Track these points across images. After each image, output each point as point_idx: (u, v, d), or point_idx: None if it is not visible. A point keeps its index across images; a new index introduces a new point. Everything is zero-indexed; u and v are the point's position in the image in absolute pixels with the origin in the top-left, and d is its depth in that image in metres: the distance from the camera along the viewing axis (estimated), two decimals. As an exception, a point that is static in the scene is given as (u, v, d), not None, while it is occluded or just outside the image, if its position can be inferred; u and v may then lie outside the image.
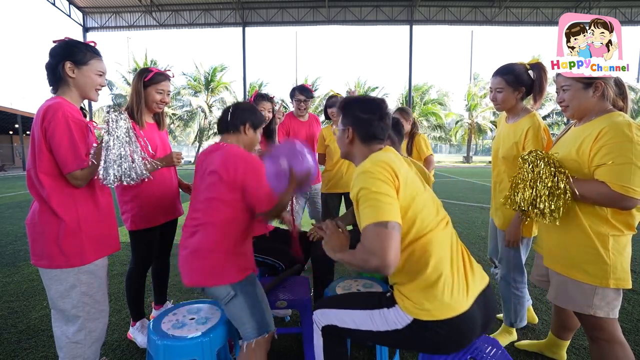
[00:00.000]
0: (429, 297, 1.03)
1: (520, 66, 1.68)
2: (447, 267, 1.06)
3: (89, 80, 1.35)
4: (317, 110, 23.88)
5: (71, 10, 18.40)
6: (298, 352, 1.85)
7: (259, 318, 1.33)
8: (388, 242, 0.94)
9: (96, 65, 1.36)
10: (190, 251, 1.36)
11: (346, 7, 18.57)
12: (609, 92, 1.30)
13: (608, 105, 1.30)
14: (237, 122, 1.52)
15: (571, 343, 1.84)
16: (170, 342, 1.27)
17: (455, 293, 1.03)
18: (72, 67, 1.31)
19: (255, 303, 1.35)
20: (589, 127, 1.28)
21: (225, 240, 1.37)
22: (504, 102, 1.73)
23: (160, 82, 1.82)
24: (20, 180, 13.02)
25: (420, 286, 1.05)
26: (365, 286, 1.71)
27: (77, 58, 1.31)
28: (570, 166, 1.29)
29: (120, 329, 2.10)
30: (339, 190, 2.93)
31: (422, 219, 1.08)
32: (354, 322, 1.16)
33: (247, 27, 19.23)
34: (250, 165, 1.38)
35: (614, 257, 1.24)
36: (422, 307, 1.03)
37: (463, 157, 29.62)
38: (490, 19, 18.72)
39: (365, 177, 1.06)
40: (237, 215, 1.40)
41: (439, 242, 1.09)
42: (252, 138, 1.56)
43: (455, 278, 1.06)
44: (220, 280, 1.34)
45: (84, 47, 1.34)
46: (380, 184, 1.03)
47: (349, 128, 1.24)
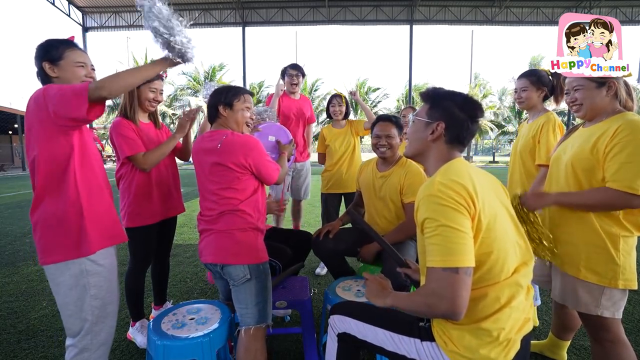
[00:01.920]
0: (478, 347, 0.90)
1: (542, 71, 1.93)
2: (511, 321, 0.92)
3: (69, 74, 1.28)
4: (317, 111, 23.89)
5: (71, 10, 18.40)
6: (298, 352, 1.85)
7: (262, 307, 1.40)
8: (459, 290, 0.84)
9: (72, 56, 1.29)
10: (217, 231, 1.44)
11: (346, 7, 18.57)
12: (622, 93, 1.30)
13: (618, 105, 1.30)
14: (212, 110, 1.57)
15: (572, 343, 1.84)
16: (170, 342, 1.27)
17: (512, 351, 0.91)
18: (50, 67, 1.26)
19: (263, 292, 1.42)
20: (602, 126, 1.27)
21: (248, 220, 1.46)
22: (527, 99, 1.93)
23: (153, 80, 1.83)
24: (20, 180, 13.02)
25: (472, 333, 0.91)
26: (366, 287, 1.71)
27: (51, 56, 1.26)
28: (584, 165, 1.28)
29: (120, 329, 2.10)
30: (339, 190, 2.93)
31: (500, 259, 0.92)
32: (376, 339, 1.10)
33: (247, 27, 19.23)
34: (250, 147, 1.45)
35: (624, 258, 1.23)
36: (471, 358, 0.91)
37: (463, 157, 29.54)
38: (490, 19, 18.72)
39: (434, 203, 0.90)
40: (252, 195, 1.49)
41: (511, 289, 0.93)
42: (233, 116, 1.56)
43: (514, 335, 0.93)
44: (243, 260, 1.41)
45: (56, 42, 1.29)
46: (453, 214, 0.87)
47: (439, 124, 1.06)
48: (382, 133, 1.98)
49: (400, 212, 2.00)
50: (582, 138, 1.34)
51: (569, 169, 1.32)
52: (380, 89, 26.04)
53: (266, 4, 18.76)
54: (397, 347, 1.05)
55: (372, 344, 1.11)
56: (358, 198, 2.28)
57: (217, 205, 1.45)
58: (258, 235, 1.50)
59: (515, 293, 0.94)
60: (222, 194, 1.44)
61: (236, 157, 1.42)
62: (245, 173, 1.45)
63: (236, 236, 1.43)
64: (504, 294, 0.92)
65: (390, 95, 26.72)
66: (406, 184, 1.93)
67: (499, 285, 0.92)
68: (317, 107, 24.48)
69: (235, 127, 1.58)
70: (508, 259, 0.94)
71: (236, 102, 1.56)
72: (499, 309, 0.91)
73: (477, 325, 0.92)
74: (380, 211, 2.06)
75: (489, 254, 0.91)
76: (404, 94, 25.04)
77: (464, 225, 0.87)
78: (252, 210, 1.49)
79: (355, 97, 3.08)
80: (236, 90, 1.60)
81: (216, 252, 1.43)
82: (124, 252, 3.64)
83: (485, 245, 0.91)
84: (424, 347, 1.00)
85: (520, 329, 0.95)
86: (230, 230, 1.43)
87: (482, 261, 0.91)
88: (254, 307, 1.38)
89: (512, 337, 0.92)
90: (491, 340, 0.90)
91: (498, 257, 0.92)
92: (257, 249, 1.47)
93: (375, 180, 2.07)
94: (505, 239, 0.94)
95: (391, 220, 2.02)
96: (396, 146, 2.00)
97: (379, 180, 2.05)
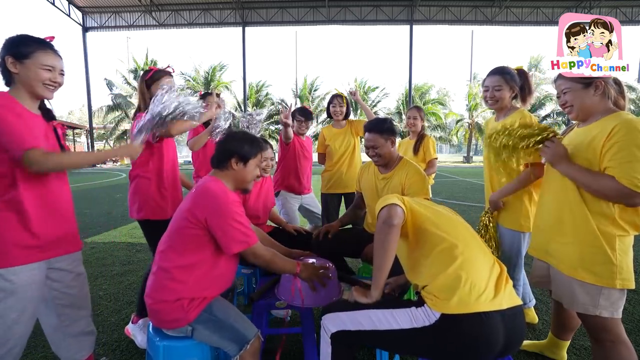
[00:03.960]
0: (455, 291, 1.08)
1: (512, 69, 1.88)
2: (474, 270, 1.13)
3: (32, 74, 1.23)
4: (317, 111, 23.89)
5: (71, 10, 18.40)
6: (298, 352, 1.85)
7: (230, 335, 1.26)
8: (390, 211, 1.18)
9: (42, 58, 1.23)
10: (150, 300, 1.29)
11: (346, 6, 18.57)
12: (610, 91, 1.30)
13: (610, 104, 1.30)
14: (223, 157, 1.39)
15: (571, 343, 1.83)
16: (170, 342, 1.27)
17: (483, 296, 1.08)
18: (13, 62, 1.21)
19: (219, 326, 1.27)
20: (597, 125, 1.28)
21: (186, 287, 1.26)
22: (502, 99, 1.86)
23: (161, 77, 1.84)
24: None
25: (447, 282, 1.10)
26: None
27: (18, 51, 1.21)
28: (581, 164, 1.28)
29: (120, 329, 2.10)
30: (339, 190, 2.93)
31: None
32: (371, 321, 1.16)
33: (247, 27, 19.24)
34: (216, 202, 1.26)
35: (620, 258, 1.24)
36: (448, 300, 1.07)
37: (463, 157, 29.62)
38: (490, 19, 18.72)
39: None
40: (203, 258, 1.29)
41: (468, 245, 1.18)
42: (241, 172, 1.40)
43: (482, 283, 1.10)
44: (176, 325, 1.27)
45: (29, 39, 1.24)
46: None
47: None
48: (369, 144, 1.97)
49: None
50: (578, 138, 1.35)
51: None
52: (379, 88, 26.01)
53: (266, 4, 18.76)
54: (392, 322, 1.14)
55: (365, 330, 1.16)
56: (358, 200, 2.27)
57: (163, 257, 1.31)
58: (190, 305, 1.27)
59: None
60: (172, 246, 1.29)
61: (194, 204, 1.28)
62: (199, 228, 1.26)
63: (164, 309, 1.26)
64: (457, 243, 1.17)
65: (390, 94, 26.73)
66: (407, 184, 1.93)
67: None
68: (317, 107, 24.46)
69: (235, 186, 1.42)
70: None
71: (253, 159, 1.42)
72: (456, 255, 1.14)
73: (447, 273, 1.11)
74: None
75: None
76: (403, 94, 25.03)
77: None
78: (198, 276, 1.28)
79: (356, 97, 3.07)
80: (258, 144, 1.43)
81: (150, 316, 1.31)
82: (124, 252, 3.65)
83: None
84: (418, 311, 1.13)
85: (495, 284, 1.13)
86: (161, 301, 1.26)
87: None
88: (223, 341, 1.26)
89: (478, 281, 1.10)
90: (461, 283, 1.09)
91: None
92: (194, 308, 1.27)
93: (378, 182, 2.06)
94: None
95: None
96: (386, 153, 1.96)
97: (381, 182, 2.05)
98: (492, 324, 1.05)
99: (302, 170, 2.86)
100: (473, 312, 1.05)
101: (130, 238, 4.16)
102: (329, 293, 1.54)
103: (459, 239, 1.20)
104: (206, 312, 1.28)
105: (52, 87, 1.29)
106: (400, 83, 37.91)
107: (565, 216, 1.34)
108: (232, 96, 24.24)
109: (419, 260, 1.22)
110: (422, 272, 1.19)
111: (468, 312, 1.05)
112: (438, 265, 1.15)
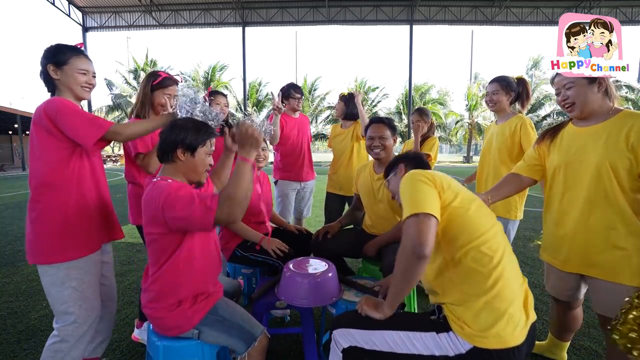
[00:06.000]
0: (494, 326, 0.97)
1: (510, 77, 2.20)
2: (512, 296, 1.01)
3: (71, 79, 1.38)
4: (317, 110, 23.89)
5: (71, 10, 18.38)
6: (298, 352, 1.85)
7: (238, 334, 1.26)
8: (422, 229, 0.97)
9: (76, 63, 1.38)
10: (149, 310, 1.28)
11: (346, 6, 18.54)
12: (612, 91, 1.30)
13: (611, 103, 1.31)
14: (167, 149, 1.27)
15: (571, 343, 1.83)
16: (170, 343, 1.27)
17: (518, 328, 0.99)
18: (54, 69, 1.37)
19: (227, 325, 1.27)
20: (620, 121, 1.26)
21: (179, 289, 1.26)
22: (498, 102, 2.18)
23: (168, 86, 1.81)
24: (20, 180, 13.01)
25: (484, 313, 0.98)
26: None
27: (57, 59, 1.36)
28: (623, 163, 1.24)
29: (120, 329, 2.10)
30: (340, 192, 2.93)
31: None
32: (386, 343, 1.06)
33: (247, 27, 19.21)
34: (165, 194, 1.16)
35: None
36: (484, 332, 0.97)
37: (463, 157, 29.62)
38: (490, 19, 18.70)
39: (407, 184, 1.09)
40: (177, 253, 1.24)
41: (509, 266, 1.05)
42: (190, 163, 1.29)
43: (518, 313, 1.01)
44: (179, 331, 1.27)
45: (65, 48, 1.39)
46: (420, 185, 1.07)
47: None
48: (375, 134, 2.03)
49: (399, 212, 2.00)
50: (600, 137, 1.30)
51: (604, 169, 1.27)
52: (379, 88, 26.01)
53: (266, 4, 18.74)
54: (410, 346, 1.03)
55: (384, 352, 1.06)
56: (357, 201, 2.28)
57: (152, 268, 1.29)
58: (188, 307, 1.26)
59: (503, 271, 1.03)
60: (155, 256, 1.27)
61: (148, 208, 1.21)
62: (164, 227, 1.20)
63: (164, 316, 1.25)
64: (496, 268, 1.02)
65: (390, 95, 26.74)
66: None
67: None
68: (317, 107, 24.46)
69: (187, 179, 1.32)
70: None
71: (201, 147, 1.30)
72: (495, 282, 1.00)
73: (484, 300, 0.98)
74: (380, 213, 2.06)
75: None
76: (403, 94, 25.03)
77: (430, 191, 1.06)
78: (188, 276, 1.26)
79: (357, 99, 2.97)
80: (205, 130, 1.32)
81: (155, 327, 1.30)
82: (124, 252, 3.65)
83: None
84: (441, 339, 1.01)
85: (524, 306, 1.03)
86: (157, 309, 1.26)
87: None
88: (231, 340, 1.27)
89: (516, 312, 0.99)
90: (500, 315, 0.97)
91: (479, 224, 1.06)
92: (196, 311, 1.27)
93: (373, 183, 2.07)
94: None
95: (391, 220, 2.03)
96: (390, 147, 2.03)
97: (376, 182, 2.05)
98: (522, 353, 1.00)
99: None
100: (508, 348, 0.97)
101: (130, 238, 4.15)
102: (330, 293, 1.54)
103: (497, 252, 1.04)
104: (212, 314, 1.29)
105: (88, 89, 1.44)
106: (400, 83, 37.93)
107: (615, 225, 1.27)
108: (232, 96, 24.23)
109: (446, 271, 1.08)
110: (448, 287, 1.07)
111: (504, 347, 0.97)
112: (472, 285, 1.01)
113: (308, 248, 2.11)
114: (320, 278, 1.52)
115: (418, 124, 2.76)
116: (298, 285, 1.52)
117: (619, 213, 1.27)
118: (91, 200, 1.44)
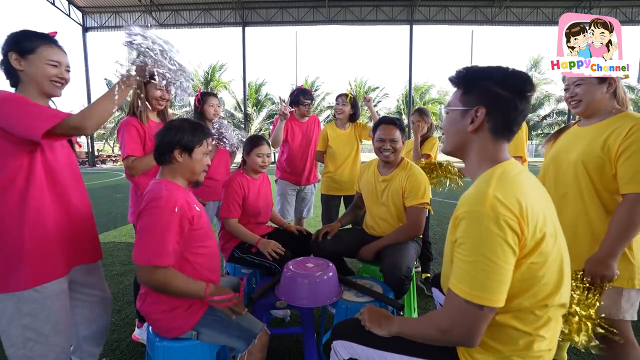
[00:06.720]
0: None
1: None
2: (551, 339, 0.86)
3: (38, 70, 1.16)
4: (317, 111, 23.88)
5: (70, 10, 18.37)
6: (298, 352, 1.85)
7: (237, 333, 1.26)
8: (480, 326, 0.78)
9: (45, 53, 1.16)
10: (146, 314, 1.28)
11: (346, 6, 18.55)
12: (620, 92, 1.30)
13: (616, 104, 1.31)
14: (164, 150, 1.26)
15: (571, 343, 1.83)
16: (170, 343, 1.27)
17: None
18: (17, 59, 1.14)
19: (225, 325, 1.27)
20: (610, 123, 1.26)
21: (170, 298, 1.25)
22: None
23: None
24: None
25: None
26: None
27: (22, 47, 1.14)
28: (596, 163, 1.26)
29: (120, 329, 2.10)
30: (340, 193, 2.93)
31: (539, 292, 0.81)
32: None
33: (247, 27, 19.21)
34: (148, 206, 1.18)
35: (638, 257, 1.23)
36: None
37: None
38: (490, 19, 18.70)
39: (480, 228, 0.76)
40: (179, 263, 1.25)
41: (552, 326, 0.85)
42: (188, 164, 1.29)
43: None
44: (178, 332, 1.26)
45: (32, 34, 1.17)
46: (499, 248, 0.75)
47: (478, 109, 0.87)
48: (387, 137, 1.94)
49: (401, 214, 1.99)
50: (587, 137, 1.32)
51: (579, 168, 1.30)
52: (379, 88, 26.03)
53: (266, 4, 18.74)
54: None
55: None
56: (358, 200, 2.27)
57: None
58: (185, 312, 1.26)
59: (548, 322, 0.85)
60: None
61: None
62: None
63: (160, 318, 1.26)
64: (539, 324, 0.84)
65: (390, 94, 26.75)
66: (408, 187, 1.92)
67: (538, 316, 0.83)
68: (317, 107, 24.46)
69: (185, 179, 1.32)
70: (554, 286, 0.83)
71: (198, 147, 1.29)
72: (532, 341, 0.83)
73: (509, 357, 0.85)
74: (382, 215, 2.05)
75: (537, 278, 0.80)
76: (403, 94, 25.03)
77: (507, 263, 0.75)
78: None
79: (369, 103, 2.96)
80: (201, 130, 1.31)
81: (153, 326, 1.30)
82: (124, 252, 3.65)
83: (533, 270, 0.80)
84: None
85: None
86: (153, 312, 1.26)
87: (525, 288, 0.81)
88: (230, 339, 1.27)
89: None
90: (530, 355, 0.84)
91: (547, 282, 0.81)
92: (193, 314, 1.26)
93: (377, 184, 2.05)
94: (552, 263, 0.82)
95: (392, 223, 2.02)
96: (400, 149, 1.97)
97: (380, 184, 2.03)
98: None
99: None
100: None
101: (131, 238, 4.15)
102: (329, 293, 1.54)
103: (554, 293, 0.83)
104: (210, 315, 1.28)
105: (59, 84, 1.23)
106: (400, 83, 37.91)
107: (581, 220, 1.31)
108: (231, 96, 24.24)
109: None
110: None
111: None
112: (504, 344, 0.85)
113: (308, 248, 2.11)
114: (320, 278, 1.52)
115: (418, 124, 2.75)
116: (298, 285, 1.52)
117: (587, 210, 1.29)
118: (50, 215, 1.19)
